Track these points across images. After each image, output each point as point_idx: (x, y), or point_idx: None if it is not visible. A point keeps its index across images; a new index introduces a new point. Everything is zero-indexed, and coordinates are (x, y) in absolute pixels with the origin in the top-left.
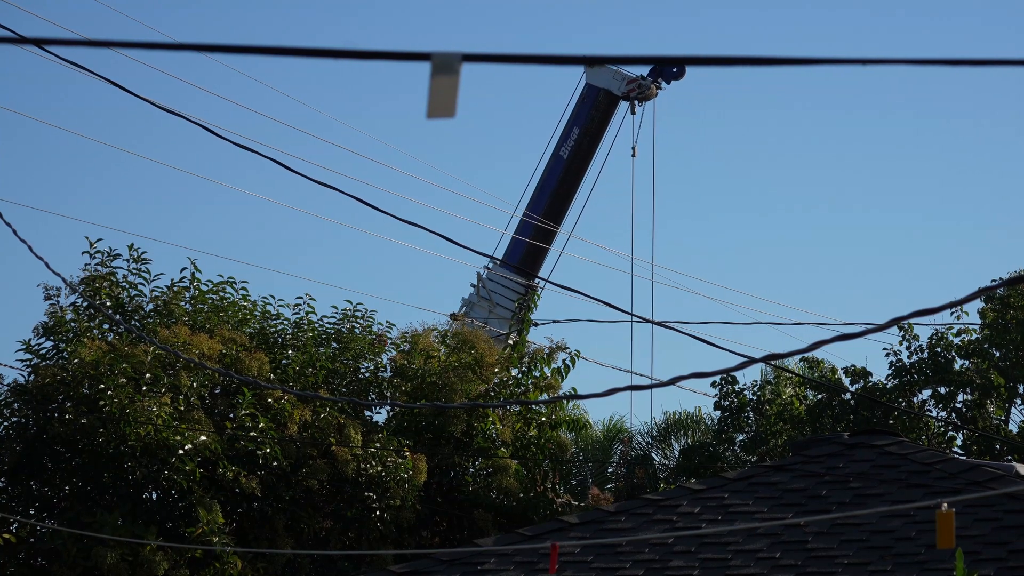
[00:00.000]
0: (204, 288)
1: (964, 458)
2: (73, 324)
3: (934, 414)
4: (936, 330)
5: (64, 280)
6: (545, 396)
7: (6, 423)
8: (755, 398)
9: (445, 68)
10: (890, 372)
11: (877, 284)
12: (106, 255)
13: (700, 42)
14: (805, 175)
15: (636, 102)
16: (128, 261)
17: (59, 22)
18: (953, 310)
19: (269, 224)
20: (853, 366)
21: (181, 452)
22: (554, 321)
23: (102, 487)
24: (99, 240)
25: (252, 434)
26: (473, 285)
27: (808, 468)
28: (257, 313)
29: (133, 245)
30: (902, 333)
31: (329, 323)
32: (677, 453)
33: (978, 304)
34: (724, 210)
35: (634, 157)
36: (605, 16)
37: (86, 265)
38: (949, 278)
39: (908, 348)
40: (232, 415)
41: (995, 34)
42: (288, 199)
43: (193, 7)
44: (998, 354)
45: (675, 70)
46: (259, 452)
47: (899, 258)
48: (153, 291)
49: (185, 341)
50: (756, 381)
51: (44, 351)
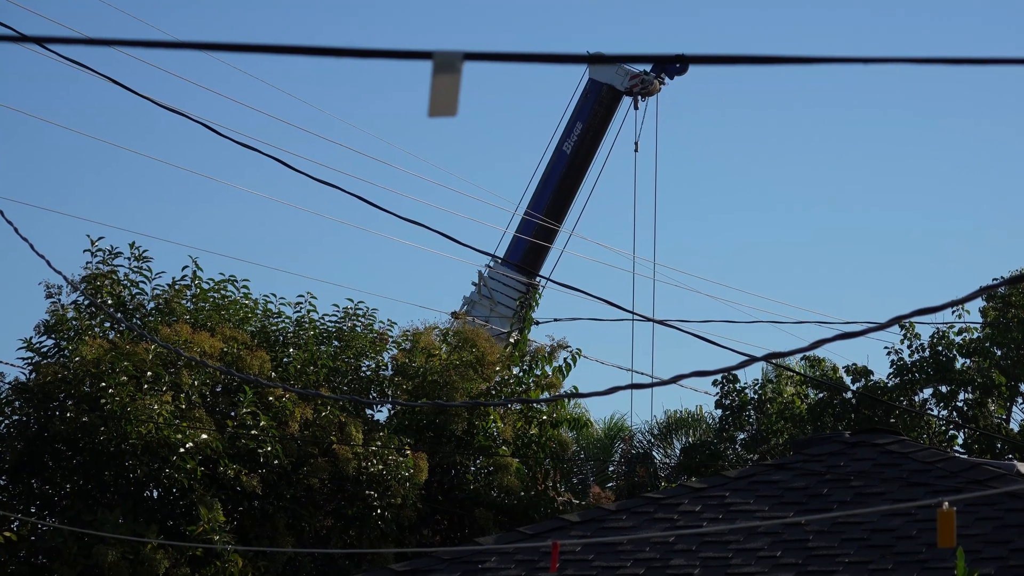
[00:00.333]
0: (205, 286)
1: (965, 457)
2: (74, 322)
3: (935, 413)
4: (937, 329)
5: (65, 278)
6: (546, 394)
7: (7, 421)
8: (756, 397)
9: (447, 67)
10: (891, 371)
11: (878, 283)
12: (107, 253)
13: (701, 41)
14: (806, 174)
15: (639, 97)
16: (129, 259)
17: (60, 21)
18: (954, 309)
19: (270, 222)
20: (854, 365)
21: (182, 450)
22: (555, 319)
23: (103, 485)
24: (100, 238)
25: (253, 432)
26: (474, 283)
27: (809, 467)
28: (258, 311)
29: (134, 243)
30: (903, 332)
31: (330, 321)
32: (678, 452)
33: (979, 303)
34: (725, 209)
35: (637, 152)
36: (605, 15)
37: (87, 263)
38: (950, 277)
39: (909, 347)
40: (233, 413)
41: (995, 34)
42: (289, 197)
43: (194, 6)
44: (999, 353)
45: (678, 65)
46: (260, 450)
47: (900, 257)
48: (154, 289)
49: (186, 339)
50: (757, 380)
51: (45, 349)
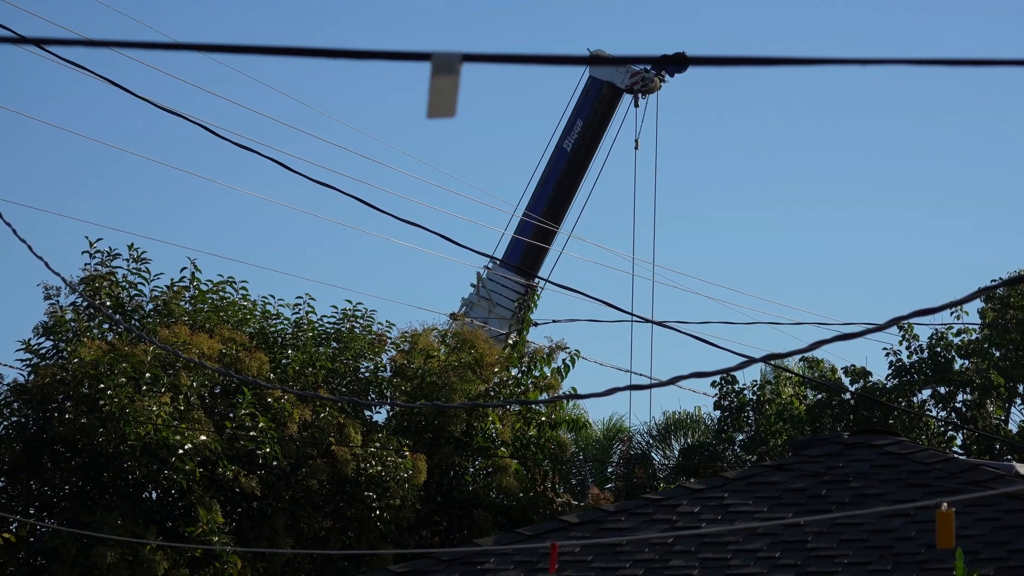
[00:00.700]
0: (204, 288)
1: (964, 458)
2: (73, 324)
3: (934, 414)
4: (936, 330)
5: (64, 280)
6: (545, 396)
7: (6, 423)
8: (755, 398)
9: (445, 68)
10: (890, 372)
11: (877, 284)
12: (106, 255)
13: (700, 40)
14: (805, 174)
15: (639, 95)
16: (128, 261)
17: (59, 22)
18: (953, 310)
19: (269, 224)
20: (853, 366)
21: (181, 452)
22: (554, 321)
23: (102, 487)
24: (99, 240)
25: (252, 434)
26: (473, 285)
27: (808, 468)
28: (257, 313)
29: (133, 245)
30: (902, 333)
31: (329, 323)
32: (677, 453)
33: (978, 304)
34: (724, 209)
35: (637, 150)
36: (605, 14)
37: (86, 265)
38: (949, 278)
39: (908, 348)
40: (232, 415)
41: (995, 33)
42: (288, 199)
43: (193, 7)
44: (998, 354)
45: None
46: (259, 452)
47: (899, 258)
48: (153, 291)
49: (185, 341)
50: (756, 381)
51: (44, 351)
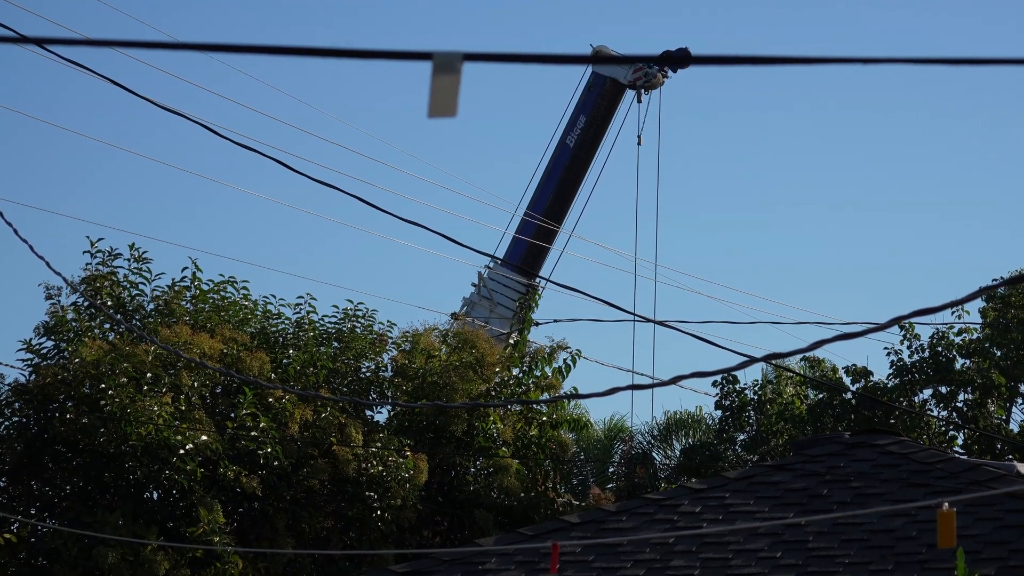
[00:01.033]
0: (205, 287)
1: (965, 457)
2: (74, 324)
3: (935, 413)
4: (937, 329)
5: (65, 280)
6: (546, 395)
7: (7, 423)
8: (756, 397)
9: (446, 67)
10: (891, 371)
11: (878, 283)
12: (107, 254)
13: (702, 36)
14: (806, 174)
15: (642, 90)
16: (129, 260)
17: (60, 21)
18: (954, 309)
19: (270, 223)
20: (854, 365)
21: (182, 452)
22: (555, 320)
23: (103, 487)
24: (100, 239)
25: (253, 434)
26: (474, 284)
27: (809, 467)
28: (258, 312)
29: (134, 244)
30: (903, 332)
31: (330, 322)
32: (678, 452)
33: (979, 303)
34: (725, 208)
35: (640, 145)
36: (607, 12)
37: (87, 264)
38: (950, 277)
39: (909, 347)
40: (233, 415)
41: (995, 33)
42: (289, 198)
43: (194, 6)
44: (999, 353)
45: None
46: (260, 452)
47: (900, 257)
48: (154, 290)
49: (186, 340)
50: (757, 380)
51: (45, 351)
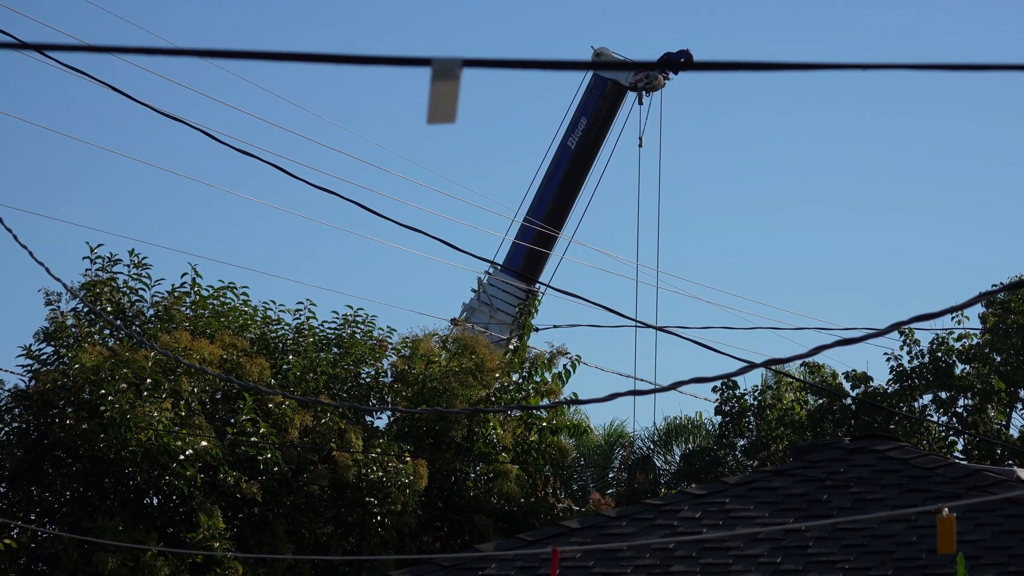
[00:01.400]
0: (205, 293)
1: (965, 463)
2: (74, 329)
3: (935, 419)
4: (937, 335)
5: (65, 285)
6: (546, 401)
7: (7, 428)
8: (756, 403)
9: (445, 73)
10: (891, 377)
11: (878, 289)
12: (107, 260)
13: (702, 37)
14: (806, 178)
15: (643, 92)
16: (129, 266)
17: (59, 27)
18: (954, 315)
19: (270, 229)
20: (854, 371)
21: (182, 457)
22: (555, 326)
23: (103, 492)
24: (100, 245)
25: (253, 439)
26: (474, 290)
27: (809, 473)
28: (258, 318)
29: (134, 250)
30: (903, 338)
31: (330, 328)
32: (678, 458)
33: (979, 309)
34: (724, 212)
35: (641, 147)
36: (607, 13)
37: (87, 270)
38: (950, 283)
39: (909, 353)
40: (233, 420)
41: (996, 35)
42: (288, 204)
43: (193, 12)
44: (999, 359)
45: (682, 60)
46: (260, 457)
47: (900, 262)
48: (154, 296)
49: (186, 346)
50: (757, 386)
51: (45, 356)
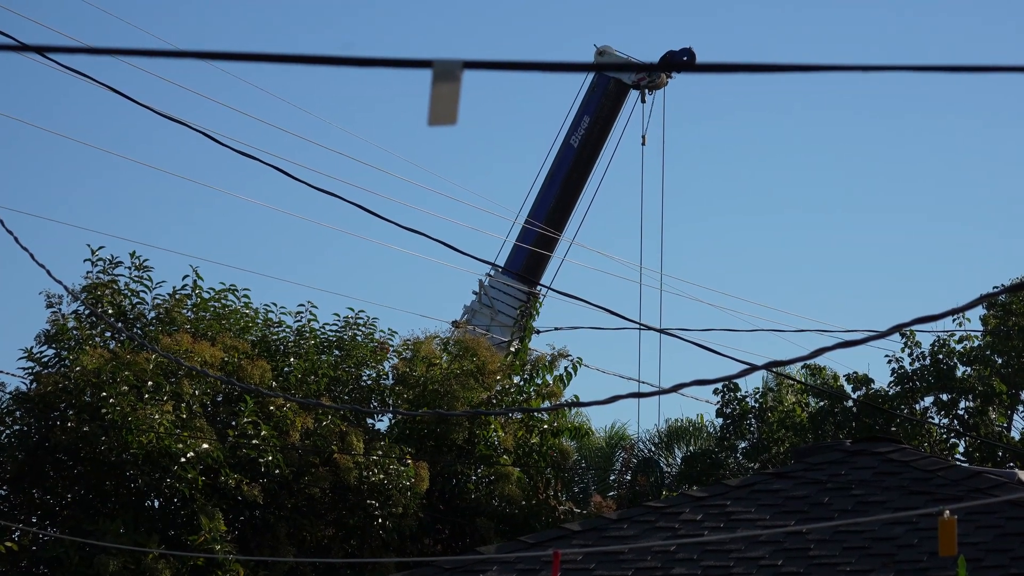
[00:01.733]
0: (206, 296)
1: (966, 465)
2: (75, 332)
3: (936, 421)
4: (938, 337)
5: (66, 288)
6: (547, 403)
7: (8, 431)
8: (757, 405)
9: (446, 75)
10: (892, 379)
11: (879, 291)
12: (108, 263)
13: (705, 36)
14: (807, 180)
15: (646, 91)
16: (130, 269)
17: (60, 29)
18: (955, 317)
19: (271, 231)
20: (855, 373)
21: (183, 460)
22: (556, 328)
23: (104, 495)
24: (101, 248)
25: (254, 442)
26: (475, 292)
27: (810, 475)
28: (259, 321)
29: (135, 253)
30: (904, 340)
31: (331, 331)
32: (679, 460)
33: (980, 311)
34: (725, 215)
35: (644, 146)
36: (609, 12)
37: (88, 273)
38: (951, 285)
39: (910, 355)
40: (234, 423)
41: (997, 36)
42: (290, 206)
43: (194, 14)
44: (1000, 361)
45: (685, 58)
46: (261, 460)
47: (901, 265)
48: (155, 299)
49: (187, 349)
50: (758, 388)
51: (46, 359)
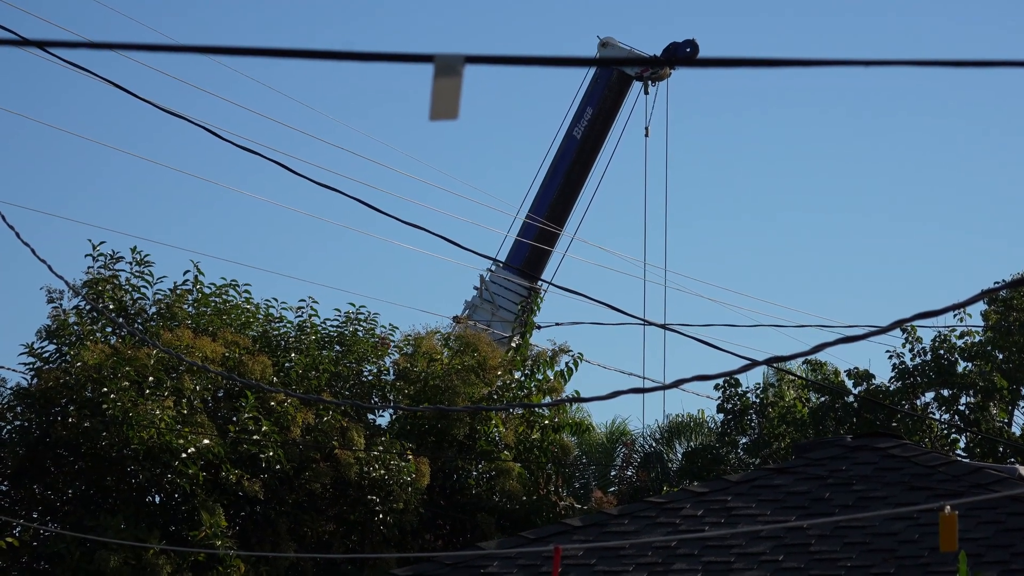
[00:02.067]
0: (207, 291)
1: (967, 461)
2: (76, 327)
3: (937, 416)
4: (939, 332)
5: (67, 283)
6: (548, 399)
7: (9, 427)
8: (758, 401)
9: (448, 70)
10: (893, 374)
11: (880, 286)
12: (109, 258)
13: (707, 29)
14: (809, 176)
15: (649, 82)
16: (131, 264)
17: (61, 24)
18: (956, 312)
19: (272, 226)
20: (856, 368)
21: (184, 455)
22: (557, 324)
23: (105, 490)
24: (102, 243)
25: (255, 437)
26: (476, 288)
27: (811, 471)
28: (260, 316)
29: (136, 248)
30: (905, 335)
31: (332, 326)
32: (680, 456)
33: (981, 306)
34: (726, 211)
35: (647, 137)
36: (612, 4)
37: (89, 268)
38: (952, 280)
39: (911, 350)
40: (235, 418)
41: (997, 36)
42: (291, 201)
43: (195, 9)
44: (1001, 356)
45: (688, 50)
46: (262, 455)
47: (902, 260)
48: (156, 294)
49: (188, 344)
50: (759, 384)
51: (47, 354)
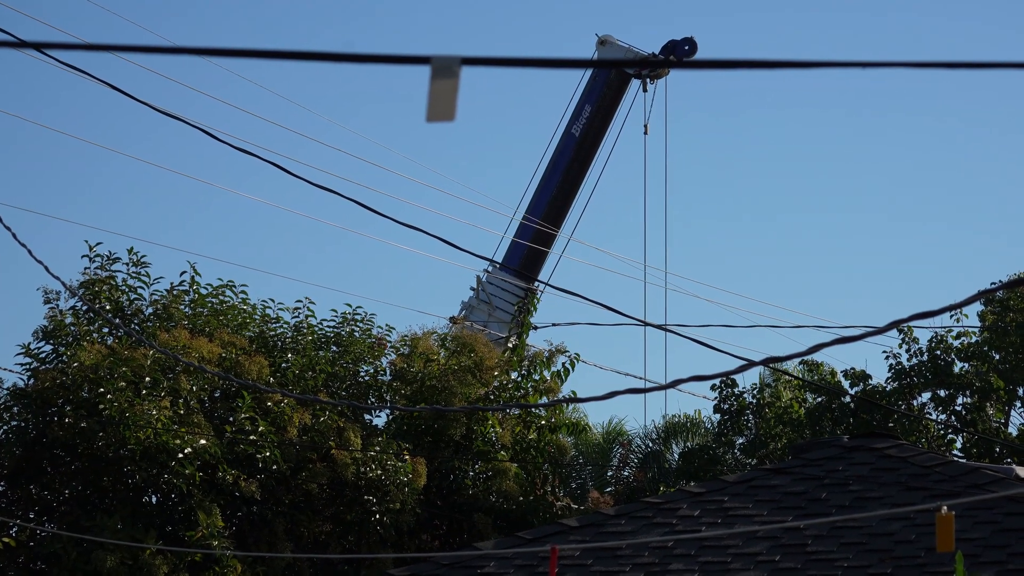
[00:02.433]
0: (204, 291)
1: (964, 461)
2: (73, 328)
3: (934, 417)
4: (936, 333)
5: (64, 284)
6: (545, 399)
7: (6, 427)
8: (755, 401)
9: (445, 72)
10: (890, 375)
11: (877, 287)
12: (105, 259)
13: (705, 28)
14: (805, 178)
15: (648, 80)
16: (127, 265)
17: (58, 26)
18: (952, 313)
19: (268, 227)
20: (853, 369)
21: (181, 456)
22: (553, 324)
23: (102, 491)
24: (98, 244)
25: (252, 438)
26: (473, 288)
27: (808, 471)
28: (256, 317)
29: (132, 249)
30: (902, 336)
31: (329, 326)
32: (677, 456)
33: (977, 307)
34: (723, 212)
35: (646, 135)
36: (609, 7)
37: (85, 269)
38: (949, 281)
39: (908, 351)
40: (232, 419)
41: (997, 36)
42: (287, 202)
43: (192, 11)
44: (997, 357)
45: (687, 47)
46: (259, 456)
47: (900, 260)
48: (153, 295)
49: (185, 344)
50: (755, 384)
51: (44, 355)
